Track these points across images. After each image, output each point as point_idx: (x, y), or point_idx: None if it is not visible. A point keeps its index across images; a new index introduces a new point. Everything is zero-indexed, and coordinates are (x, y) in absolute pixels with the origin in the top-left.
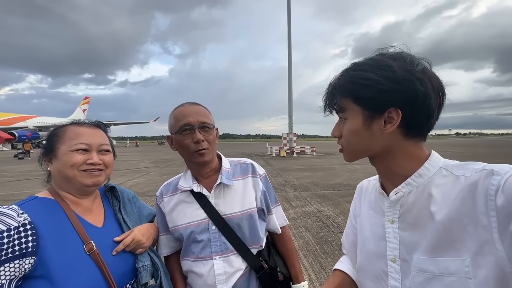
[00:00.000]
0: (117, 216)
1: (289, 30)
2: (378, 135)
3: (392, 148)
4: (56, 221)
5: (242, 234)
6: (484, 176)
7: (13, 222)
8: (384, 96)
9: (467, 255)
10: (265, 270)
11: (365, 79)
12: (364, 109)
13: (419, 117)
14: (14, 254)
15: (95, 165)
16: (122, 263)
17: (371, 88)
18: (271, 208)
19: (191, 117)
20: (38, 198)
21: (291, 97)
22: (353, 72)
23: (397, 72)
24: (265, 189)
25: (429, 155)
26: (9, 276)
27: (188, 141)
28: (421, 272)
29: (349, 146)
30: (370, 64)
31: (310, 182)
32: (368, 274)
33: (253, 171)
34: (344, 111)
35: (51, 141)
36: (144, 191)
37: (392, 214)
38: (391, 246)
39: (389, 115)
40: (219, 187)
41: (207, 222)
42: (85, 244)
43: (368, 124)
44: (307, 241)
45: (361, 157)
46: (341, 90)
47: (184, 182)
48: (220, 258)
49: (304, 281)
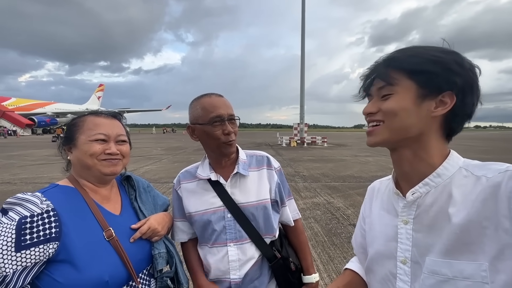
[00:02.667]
0: (133, 204)
1: (303, 18)
2: (423, 117)
3: (426, 135)
4: (77, 208)
5: (256, 223)
6: (508, 177)
7: (36, 208)
8: (450, 77)
9: (485, 259)
10: (278, 259)
11: (432, 55)
12: (420, 86)
13: (465, 111)
14: (39, 239)
15: (113, 155)
16: (139, 250)
17: (439, 65)
18: (284, 200)
19: (222, 109)
20: (59, 186)
21: (303, 87)
22: (414, 49)
23: (464, 60)
24: (279, 181)
25: (449, 154)
26: (35, 260)
27: (219, 132)
28: (433, 274)
29: (390, 121)
30: (432, 47)
31: (320, 173)
32: (375, 275)
33: (268, 163)
34: (393, 85)
35: (71, 130)
36: (157, 178)
37: (407, 215)
38: (402, 248)
39: (443, 98)
40: (235, 176)
41: (223, 210)
42: (104, 230)
43: (419, 102)
44: (316, 232)
45: (392, 140)
46: (402, 61)
47: (202, 170)
48: (235, 245)
49: (316, 273)
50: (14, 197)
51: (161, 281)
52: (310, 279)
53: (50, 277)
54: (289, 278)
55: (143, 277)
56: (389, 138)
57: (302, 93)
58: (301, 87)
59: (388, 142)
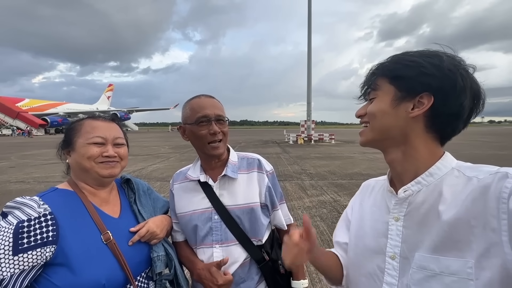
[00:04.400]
0: (133, 207)
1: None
2: (401, 117)
3: (410, 135)
4: (75, 212)
5: (243, 226)
6: (498, 179)
7: (33, 212)
8: (423, 79)
9: (471, 257)
10: (266, 261)
11: (410, 61)
12: (398, 90)
13: (449, 111)
14: (37, 243)
15: (111, 158)
16: (137, 253)
17: (413, 69)
18: (276, 204)
19: (208, 109)
20: (58, 189)
21: (310, 83)
22: (401, 56)
23: (444, 62)
24: (270, 185)
25: (443, 155)
26: (32, 263)
27: (204, 132)
28: (421, 269)
29: (372, 122)
30: (420, 52)
31: (327, 170)
32: (362, 269)
33: (259, 166)
34: (376, 90)
35: (68, 134)
36: (164, 176)
37: (398, 212)
38: (392, 244)
39: (421, 100)
40: (223, 178)
41: (210, 211)
42: (102, 234)
43: (396, 104)
44: (322, 231)
45: (377, 140)
46: (383, 69)
47: (193, 171)
48: (220, 247)
49: (305, 279)
50: (13, 201)
51: (160, 283)
52: (298, 285)
53: (48, 280)
54: (278, 280)
55: (141, 280)
56: (373, 138)
57: (309, 89)
58: (307, 84)
59: (373, 141)
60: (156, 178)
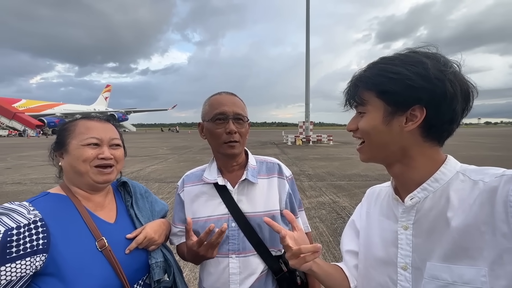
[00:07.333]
0: (130, 211)
1: (308, 14)
2: (396, 133)
3: (409, 148)
4: (68, 218)
5: (263, 235)
6: (504, 181)
7: (23, 219)
8: (412, 93)
9: (484, 264)
10: (284, 273)
11: (394, 73)
12: (387, 105)
13: (442, 119)
14: (26, 251)
15: (107, 160)
16: (135, 260)
17: (399, 83)
18: (296, 211)
19: (227, 107)
20: (50, 194)
21: (308, 84)
22: (382, 65)
23: (429, 70)
24: (291, 191)
25: (445, 159)
26: (20, 273)
27: (221, 130)
28: (434, 279)
29: (368, 140)
30: (402, 59)
31: (326, 172)
32: (372, 282)
33: (280, 171)
34: (364, 105)
35: (61, 135)
36: (163, 178)
37: (406, 220)
38: (402, 253)
39: (413, 112)
40: (243, 183)
41: (227, 218)
42: (97, 240)
43: (388, 120)
44: (321, 232)
45: (378, 157)
46: (367, 82)
47: (209, 174)
48: (237, 258)
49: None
50: (1, 207)
51: None
52: None
53: None
54: None
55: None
56: (374, 155)
57: (307, 91)
58: (306, 85)
59: (375, 158)
60: (155, 179)
